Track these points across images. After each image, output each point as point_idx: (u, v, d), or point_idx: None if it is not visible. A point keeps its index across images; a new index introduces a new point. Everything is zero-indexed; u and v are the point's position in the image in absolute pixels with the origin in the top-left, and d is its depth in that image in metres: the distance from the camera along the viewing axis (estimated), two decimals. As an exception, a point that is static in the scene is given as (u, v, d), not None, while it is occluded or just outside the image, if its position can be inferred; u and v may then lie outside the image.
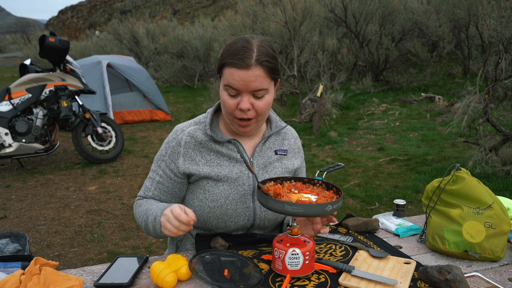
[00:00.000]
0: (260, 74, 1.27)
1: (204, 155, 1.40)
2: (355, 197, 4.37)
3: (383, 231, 1.55)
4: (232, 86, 1.28)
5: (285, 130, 1.54)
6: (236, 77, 1.26)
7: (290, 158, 1.52)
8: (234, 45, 1.29)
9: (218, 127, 1.44)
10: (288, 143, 1.53)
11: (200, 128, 1.43)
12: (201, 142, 1.40)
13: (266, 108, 1.33)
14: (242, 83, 1.26)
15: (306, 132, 7.14)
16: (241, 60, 1.25)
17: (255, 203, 1.41)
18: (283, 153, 1.49)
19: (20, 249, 1.63)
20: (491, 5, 4.97)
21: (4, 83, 15.09)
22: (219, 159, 1.40)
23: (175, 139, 1.42)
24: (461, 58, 10.01)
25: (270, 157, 1.46)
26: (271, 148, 1.48)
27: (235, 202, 1.38)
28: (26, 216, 4.10)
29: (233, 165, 1.40)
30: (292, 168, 1.51)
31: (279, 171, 1.46)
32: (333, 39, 10.60)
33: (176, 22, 23.21)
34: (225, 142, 1.40)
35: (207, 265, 1.20)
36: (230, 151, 1.40)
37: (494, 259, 1.31)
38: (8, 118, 5.03)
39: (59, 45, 5.11)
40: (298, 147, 1.57)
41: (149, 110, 8.57)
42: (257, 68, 1.26)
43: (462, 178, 1.37)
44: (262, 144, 1.45)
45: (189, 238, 1.49)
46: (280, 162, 1.48)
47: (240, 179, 1.40)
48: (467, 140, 4.81)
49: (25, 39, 39.85)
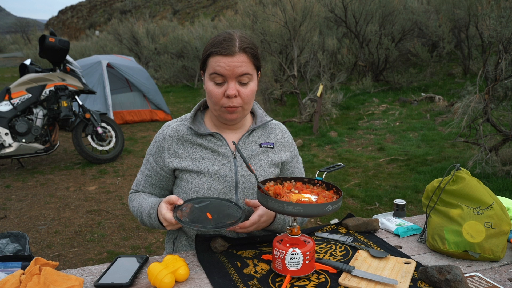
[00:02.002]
0: (244, 60, 1.33)
1: (187, 148, 1.44)
2: (355, 197, 4.37)
3: (383, 231, 1.55)
4: (218, 73, 1.33)
5: (272, 125, 1.57)
6: (221, 63, 1.32)
7: (277, 151, 1.53)
8: (217, 37, 1.36)
9: (202, 122, 1.49)
10: (275, 136, 1.54)
11: (184, 123, 1.48)
12: (183, 136, 1.45)
13: (251, 95, 1.38)
14: (228, 69, 1.32)
15: (306, 132, 7.14)
16: (225, 48, 1.32)
17: (238, 195, 1.43)
18: (269, 146, 1.51)
19: (20, 249, 1.63)
20: (491, 5, 4.97)
21: (4, 83, 15.09)
22: (201, 151, 1.44)
23: (161, 134, 1.49)
24: (461, 58, 10.01)
25: (254, 150, 1.48)
26: (255, 142, 1.50)
27: (217, 193, 1.41)
28: (26, 216, 4.10)
29: (215, 158, 1.44)
30: (279, 161, 1.52)
31: (264, 163, 1.48)
32: (333, 39, 10.60)
33: (176, 22, 23.22)
34: (207, 135, 1.44)
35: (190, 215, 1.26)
36: (212, 144, 1.44)
37: (494, 259, 1.31)
38: (8, 118, 5.03)
39: (59, 45, 5.11)
40: (288, 141, 1.58)
41: (149, 110, 8.58)
42: (241, 55, 1.33)
43: (462, 178, 1.37)
44: (245, 137, 1.48)
45: (183, 235, 1.51)
46: (265, 155, 1.50)
47: (222, 171, 1.42)
48: (467, 140, 4.81)
49: (25, 39, 39.86)
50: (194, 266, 1.28)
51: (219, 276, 1.20)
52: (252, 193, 1.44)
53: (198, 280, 1.20)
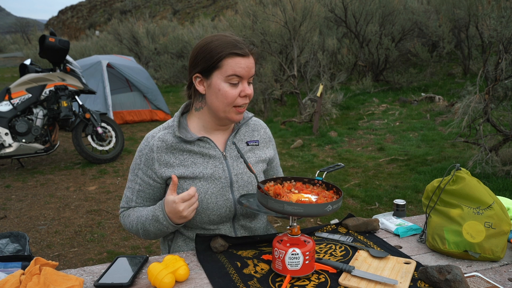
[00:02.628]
0: (253, 61, 1.41)
1: (178, 156, 1.43)
2: (355, 197, 4.37)
3: (383, 231, 1.55)
4: (238, 74, 1.36)
5: (254, 122, 1.60)
6: (242, 64, 1.36)
7: (262, 148, 1.57)
8: (224, 39, 1.38)
9: (187, 128, 1.47)
10: (258, 133, 1.58)
11: (169, 132, 1.46)
12: (172, 145, 1.43)
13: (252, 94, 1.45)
14: (246, 70, 1.37)
15: (306, 132, 7.14)
16: (242, 49, 1.36)
17: (234, 194, 1.45)
18: (254, 144, 1.55)
19: (20, 249, 1.63)
20: (491, 5, 4.97)
21: (4, 83, 15.09)
22: (192, 157, 1.44)
23: (147, 146, 1.46)
24: (461, 58, 10.01)
25: (242, 148, 1.52)
26: (242, 140, 1.53)
27: (215, 195, 1.42)
28: (26, 216, 4.10)
29: (207, 161, 1.44)
30: (266, 158, 1.57)
31: (253, 160, 1.52)
32: (333, 39, 10.60)
33: (176, 22, 23.22)
34: (195, 140, 1.44)
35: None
36: (202, 149, 1.44)
37: (494, 259, 1.31)
38: (8, 118, 5.03)
39: (59, 45, 5.11)
40: (269, 137, 1.63)
41: (149, 110, 8.58)
42: (251, 56, 1.40)
43: (462, 178, 1.37)
44: (232, 137, 1.50)
45: (179, 236, 1.51)
46: (253, 153, 1.53)
47: (216, 173, 1.43)
48: (467, 140, 4.81)
49: (25, 39, 39.85)
50: (194, 266, 1.28)
51: (219, 276, 1.20)
52: (246, 191, 1.47)
53: (198, 280, 1.20)
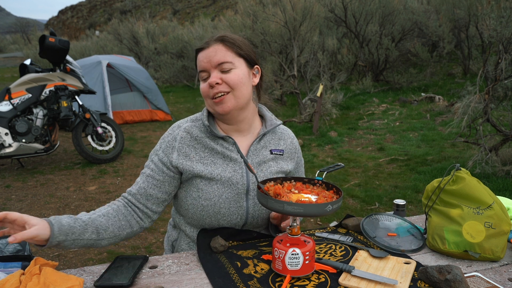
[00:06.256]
0: (219, 48, 1.35)
1: (198, 152, 1.40)
2: (355, 197, 4.37)
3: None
4: (202, 69, 1.37)
5: (281, 130, 1.54)
6: (201, 57, 1.37)
7: (286, 159, 1.51)
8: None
9: (214, 124, 1.45)
10: (285, 143, 1.52)
11: (196, 125, 1.44)
12: (196, 138, 1.41)
13: (237, 80, 1.35)
14: (205, 61, 1.36)
15: (306, 132, 7.14)
16: (203, 43, 1.39)
17: (249, 202, 1.41)
18: (279, 153, 1.49)
19: (20, 249, 1.63)
20: (491, 5, 4.97)
21: (4, 83, 15.09)
22: (213, 156, 1.40)
23: (171, 134, 1.44)
24: (461, 58, 10.01)
25: (265, 156, 1.46)
26: (266, 147, 1.47)
27: (229, 201, 1.38)
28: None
29: (226, 164, 1.40)
30: (287, 170, 1.50)
31: (274, 170, 1.46)
32: (333, 39, 10.60)
33: (176, 22, 23.22)
34: (220, 137, 1.40)
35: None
36: (224, 149, 1.41)
37: (494, 259, 1.31)
38: (8, 118, 5.03)
39: (59, 45, 5.11)
40: (295, 148, 1.56)
41: (149, 110, 8.58)
42: (216, 44, 1.36)
43: (462, 178, 1.37)
44: (257, 142, 1.45)
45: (184, 238, 1.49)
46: (275, 162, 1.48)
47: (234, 178, 1.39)
48: (467, 140, 4.81)
49: (25, 39, 39.86)
50: (194, 266, 1.28)
51: (219, 276, 1.20)
52: None
53: (198, 280, 1.19)
